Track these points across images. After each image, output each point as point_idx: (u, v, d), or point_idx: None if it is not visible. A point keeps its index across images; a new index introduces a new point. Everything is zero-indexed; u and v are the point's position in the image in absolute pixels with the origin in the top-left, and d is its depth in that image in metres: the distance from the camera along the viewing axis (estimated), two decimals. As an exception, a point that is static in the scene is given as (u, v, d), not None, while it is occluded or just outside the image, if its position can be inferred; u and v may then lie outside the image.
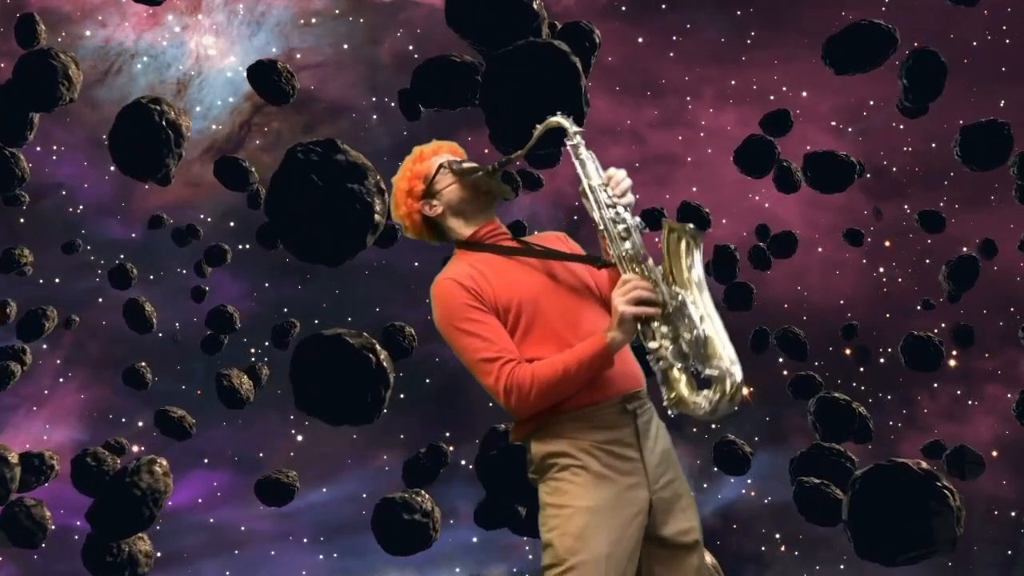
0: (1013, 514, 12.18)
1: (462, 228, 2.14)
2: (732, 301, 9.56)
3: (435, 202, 2.14)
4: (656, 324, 1.84)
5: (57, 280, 10.75)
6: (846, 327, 10.99)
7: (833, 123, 13.09)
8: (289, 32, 13.43)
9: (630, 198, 1.98)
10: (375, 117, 13.24)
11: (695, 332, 1.79)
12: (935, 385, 13.02)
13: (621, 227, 1.93)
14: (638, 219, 1.94)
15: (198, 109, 13.33)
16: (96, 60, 12.71)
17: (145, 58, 12.98)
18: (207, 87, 13.48)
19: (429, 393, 12.91)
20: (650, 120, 13.89)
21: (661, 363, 1.83)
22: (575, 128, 2.03)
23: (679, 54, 13.55)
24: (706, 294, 1.84)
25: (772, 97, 13.20)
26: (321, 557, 12.73)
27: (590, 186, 1.98)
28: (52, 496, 11.77)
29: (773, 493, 13.49)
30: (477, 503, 6.42)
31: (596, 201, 1.97)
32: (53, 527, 7.25)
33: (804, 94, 13.09)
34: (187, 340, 10.60)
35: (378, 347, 4.65)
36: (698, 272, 1.85)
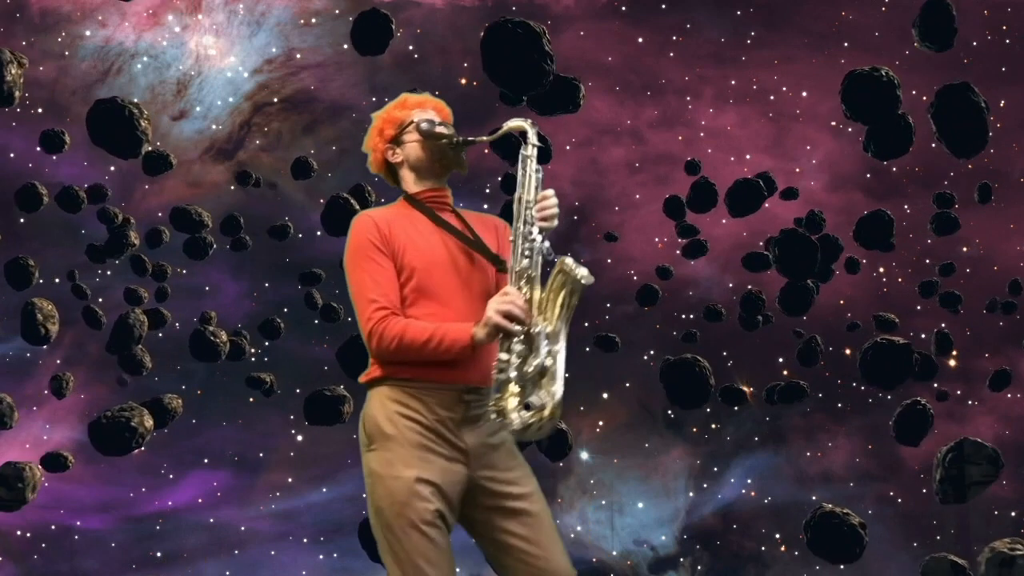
0: (1013, 514, 12.18)
1: (412, 183, 2.32)
2: (788, 304, 7.80)
3: (398, 150, 2.32)
4: (515, 340, 2.01)
5: (57, 280, 10.74)
6: (940, 335, 10.10)
7: (833, 123, 13.08)
8: (289, 32, 13.43)
9: (550, 224, 2.15)
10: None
11: (540, 361, 1.99)
12: (935, 385, 13.01)
13: (527, 246, 2.09)
14: (547, 244, 2.11)
15: (198, 109, 13.34)
16: (96, 60, 12.71)
17: (145, 58, 12.98)
18: (207, 87, 13.48)
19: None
20: (650, 120, 13.89)
21: (502, 374, 2.01)
22: (534, 141, 2.19)
23: (679, 54, 13.56)
24: (564, 334, 2.04)
25: (772, 97, 13.21)
26: (321, 557, 12.74)
27: (521, 198, 2.14)
28: (52, 496, 11.76)
29: (773, 493, 13.49)
30: None
31: (520, 214, 2.12)
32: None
33: (804, 94, 13.09)
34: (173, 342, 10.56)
35: None
36: (567, 315, 2.04)
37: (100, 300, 10.43)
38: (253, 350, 11.61)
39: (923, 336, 12.19)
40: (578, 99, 5.87)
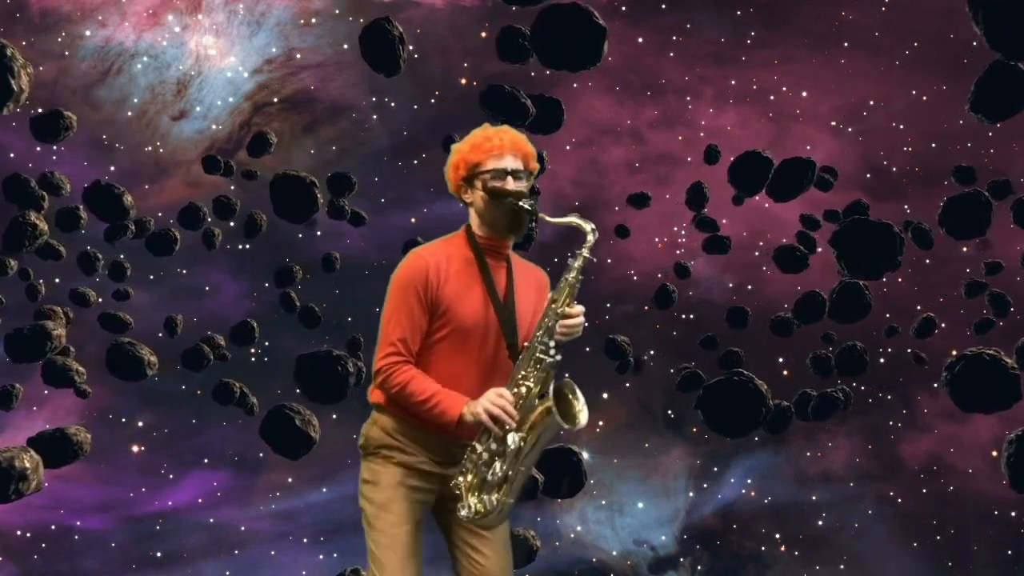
0: (1013, 514, 12.17)
1: (476, 225, 2.37)
2: (840, 311, 6.66)
3: (469, 191, 2.36)
4: (493, 437, 2.17)
5: (57, 280, 10.75)
6: None
7: (833, 123, 13.08)
8: (289, 32, 13.42)
9: (568, 339, 2.23)
10: (375, 117, 13.23)
11: (504, 470, 2.16)
12: (935, 385, 13.02)
13: (540, 355, 2.18)
14: (559, 358, 2.19)
15: (198, 109, 13.34)
16: (96, 60, 12.71)
17: (145, 58, 12.97)
18: (207, 87, 13.48)
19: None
20: (650, 120, 13.89)
21: (468, 463, 2.20)
22: (587, 253, 2.22)
23: (679, 54, 13.55)
24: (533, 458, 2.20)
25: (772, 97, 13.20)
26: (321, 557, 12.74)
27: (554, 308, 2.20)
28: (52, 497, 11.75)
29: (773, 493, 13.48)
30: None
31: (546, 323, 2.20)
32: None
33: (804, 94, 13.08)
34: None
35: None
36: (542, 442, 2.18)
37: (100, 300, 10.40)
38: (253, 351, 11.61)
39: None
40: (601, 50, 5.07)
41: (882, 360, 12.43)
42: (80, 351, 9.33)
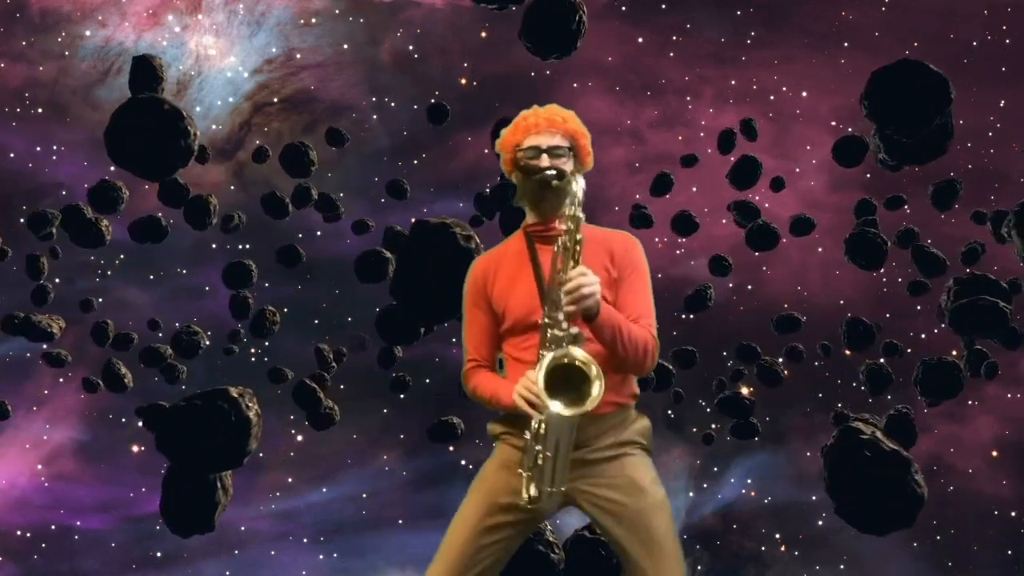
0: (1013, 514, 12.18)
1: (527, 212, 2.33)
2: (965, 323, 5.67)
3: (516, 173, 2.31)
4: (532, 422, 2.09)
5: (57, 280, 10.75)
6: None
7: (833, 123, 13.08)
8: (289, 32, 13.43)
9: (580, 307, 2.02)
10: (375, 117, 13.23)
11: (545, 454, 2.08)
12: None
13: (552, 331, 2.06)
14: (575, 330, 2.05)
15: (198, 109, 13.34)
16: (96, 60, 12.71)
17: (145, 58, 12.97)
18: (207, 87, 13.49)
19: (429, 393, 12.92)
20: (650, 120, 13.90)
21: (526, 450, 2.12)
22: (576, 210, 2.07)
23: (679, 54, 13.56)
24: (565, 440, 2.09)
25: (772, 97, 13.20)
26: (321, 557, 12.73)
27: (556, 274, 2.07)
28: (52, 496, 11.78)
29: (773, 493, 13.49)
30: None
31: (552, 295, 2.07)
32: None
33: (804, 94, 13.09)
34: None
35: None
36: (556, 425, 2.05)
37: (100, 300, 10.38)
38: (253, 349, 11.60)
39: (923, 336, 12.19)
40: None
41: (882, 360, 12.40)
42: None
